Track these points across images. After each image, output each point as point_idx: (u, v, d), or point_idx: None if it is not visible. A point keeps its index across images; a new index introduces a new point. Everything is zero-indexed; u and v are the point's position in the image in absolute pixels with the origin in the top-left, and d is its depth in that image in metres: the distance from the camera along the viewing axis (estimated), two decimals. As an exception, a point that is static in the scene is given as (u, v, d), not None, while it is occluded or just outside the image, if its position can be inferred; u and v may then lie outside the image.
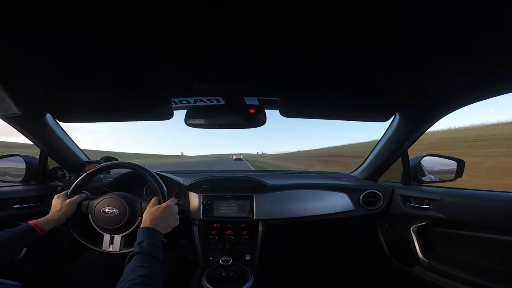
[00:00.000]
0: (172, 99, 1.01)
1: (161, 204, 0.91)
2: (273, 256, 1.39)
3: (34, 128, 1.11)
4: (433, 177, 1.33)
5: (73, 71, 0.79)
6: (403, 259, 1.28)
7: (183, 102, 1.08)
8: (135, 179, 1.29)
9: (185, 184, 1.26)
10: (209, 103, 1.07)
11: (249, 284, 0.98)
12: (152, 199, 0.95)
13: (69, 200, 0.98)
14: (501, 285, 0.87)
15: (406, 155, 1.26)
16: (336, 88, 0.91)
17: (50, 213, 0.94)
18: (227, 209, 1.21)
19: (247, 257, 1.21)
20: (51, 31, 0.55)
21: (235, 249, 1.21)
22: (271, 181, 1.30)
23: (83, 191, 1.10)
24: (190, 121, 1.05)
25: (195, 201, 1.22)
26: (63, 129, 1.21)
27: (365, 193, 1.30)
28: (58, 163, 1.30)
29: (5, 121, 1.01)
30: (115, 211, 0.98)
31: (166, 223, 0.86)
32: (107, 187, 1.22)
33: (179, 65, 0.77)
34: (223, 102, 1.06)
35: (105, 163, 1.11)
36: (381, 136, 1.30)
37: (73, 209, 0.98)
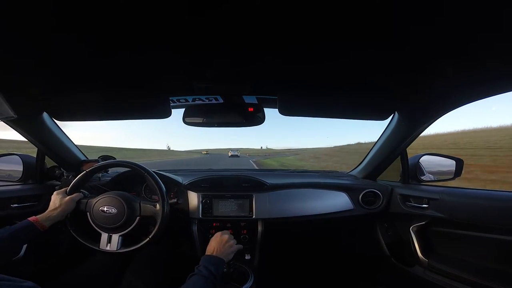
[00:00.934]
0: (170, 98, 1.01)
1: (223, 236, 0.93)
2: (272, 255, 1.39)
3: (31, 126, 1.10)
4: (432, 177, 1.33)
5: (71, 72, 0.79)
6: (402, 259, 1.28)
7: (181, 100, 1.08)
8: (134, 178, 1.28)
9: (184, 183, 1.26)
10: (207, 101, 1.07)
11: (249, 283, 0.98)
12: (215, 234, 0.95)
13: (68, 197, 0.97)
14: (501, 285, 0.87)
15: (405, 154, 1.26)
16: (335, 87, 0.91)
17: (48, 210, 0.93)
18: (226, 208, 1.21)
19: (247, 257, 1.20)
20: (50, 35, 0.55)
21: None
22: (270, 180, 1.29)
23: (81, 190, 1.09)
24: (188, 119, 1.05)
25: (194, 200, 1.22)
26: (60, 128, 1.20)
27: (364, 192, 1.30)
28: (55, 162, 1.30)
29: (1, 120, 1.00)
30: (114, 210, 0.97)
31: (226, 251, 0.90)
32: (105, 186, 1.21)
33: (179, 65, 0.77)
34: (221, 100, 1.06)
35: (104, 162, 1.10)
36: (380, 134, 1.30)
37: (72, 207, 0.98)
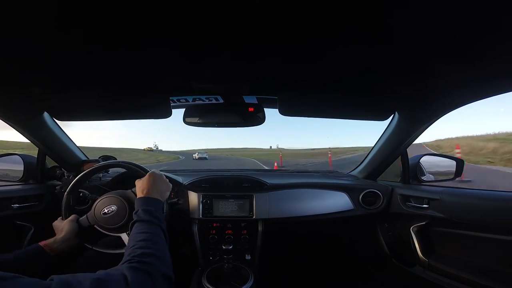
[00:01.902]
0: (170, 98, 1.01)
1: (154, 174, 0.89)
2: (273, 255, 1.39)
3: (31, 126, 1.10)
4: (432, 177, 1.33)
5: (72, 71, 0.79)
6: (403, 259, 1.28)
7: (181, 100, 1.08)
8: (134, 177, 1.28)
9: (184, 183, 1.26)
10: (207, 101, 1.07)
11: (249, 283, 0.98)
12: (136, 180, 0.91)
13: (65, 220, 0.94)
14: (501, 285, 0.87)
15: (405, 154, 1.26)
16: (336, 87, 0.91)
17: (55, 236, 0.89)
18: (226, 208, 1.21)
19: (247, 257, 1.21)
20: (50, 33, 0.55)
21: (235, 249, 1.20)
22: (270, 180, 1.29)
23: (82, 191, 1.09)
24: (188, 119, 1.05)
25: (195, 200, 1.22)
26: (61, 128, 1.21)
27: (365, 192, 1.29)
28: (56, 162, 1.30)
29: (2, 119, 1.00)
30: (114, 208, 0.96)
31: (159, 189, 0.84)
32: (106, 186, 1.21)
33: (178, 64, 0.77)
34: (221, 100, 1.06)
35: (104, 162, 1.10)
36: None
37: (75, 227, 0.92)
